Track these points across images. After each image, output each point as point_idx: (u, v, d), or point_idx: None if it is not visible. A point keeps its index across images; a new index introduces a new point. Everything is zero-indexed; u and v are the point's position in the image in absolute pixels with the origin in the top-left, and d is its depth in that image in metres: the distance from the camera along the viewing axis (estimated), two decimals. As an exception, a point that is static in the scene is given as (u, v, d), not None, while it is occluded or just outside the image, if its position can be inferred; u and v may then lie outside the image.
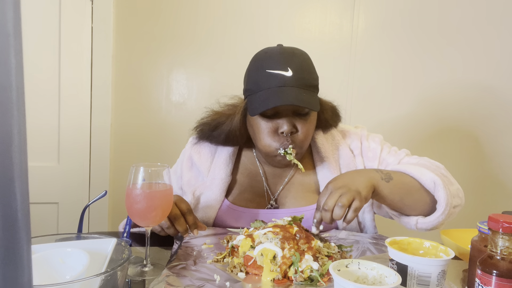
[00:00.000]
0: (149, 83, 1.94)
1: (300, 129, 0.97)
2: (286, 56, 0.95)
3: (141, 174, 0.79)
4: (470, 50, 2.04)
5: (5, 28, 0.25)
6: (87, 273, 0.63)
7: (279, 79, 0.92)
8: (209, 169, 1.10)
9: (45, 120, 1.76)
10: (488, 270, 0.59)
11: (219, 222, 1.07)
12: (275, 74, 0.93)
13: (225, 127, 1.05)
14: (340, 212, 0.80)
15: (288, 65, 0.93)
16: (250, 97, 0.98)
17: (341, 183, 0.87)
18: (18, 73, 0.26)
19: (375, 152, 1.10)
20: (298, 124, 0.96)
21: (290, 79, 0.92)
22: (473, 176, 2.10)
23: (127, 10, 1.89)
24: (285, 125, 0.94)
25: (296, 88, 0.92)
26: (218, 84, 1.95)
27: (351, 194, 0.82)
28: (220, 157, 1.10)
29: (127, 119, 1.93)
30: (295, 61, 0.95)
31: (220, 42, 1.95)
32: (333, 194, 0.83)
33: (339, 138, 1.14)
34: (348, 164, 1.10)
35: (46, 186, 1.78)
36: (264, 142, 0.98)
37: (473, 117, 2.07)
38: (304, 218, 0.92)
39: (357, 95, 2.03)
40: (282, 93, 0.91)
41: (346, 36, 2.00)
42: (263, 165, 1.12)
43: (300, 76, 0.93)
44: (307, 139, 0.99)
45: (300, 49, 1.00)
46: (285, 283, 0.72)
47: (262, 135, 0.97)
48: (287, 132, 0.94)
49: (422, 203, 0.95)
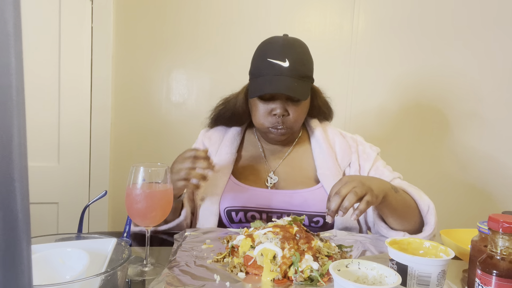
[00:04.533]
0: (149, 83, 1.94)
1: (291, 113, 1.10)
2: (286, 48, 1.08)
3: (141, 174, 0.79)
4: (470, 50, 2.03)
5: (5, 28, 0.25)
6: (87, 273, 0.63)
7: (276, 68, 1.06)
8: (217, 150, 1.21)
9: (45, 120, 1.76)
10: (488, 270, 0.59)
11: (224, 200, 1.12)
12: (273, 63, 1.06)
13: (231, 104, 1.20)
14: (351, 200, 0.85)
15: (286, 56, 1.06)
16: (252, 81, 1.13)
17: (356, 178, 0.92)
18: (18, 73, 0.26)
19: (370, 156, 1.19)
20: (289, 109, 1.09)
21: (286, 69, 1.06)
22: (473, 176, 2.10)
23: (127, 10, 1.89)
24: (278, 109, 1.08)
25: (290, 78, 1.05)
26: (218, 84, 1.95)
27: (365, 188, 0.88)
28: (227, 138, 1.22)
29: (127, 119, 1.93)
30: (293, 52, 1.08)
31: (220, 42, 1.95)
32: (347, 185, 0.88)
33: (335, 132, 1.25)
34: (343, 150, 1.19)
35: (46, 186, 1.78)
36: (259, 121, 1.12)
37: (477, 118, 2.07)
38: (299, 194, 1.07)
39: (357, 95, 2.03)
40: (277, 81, 1.05)
41: (346, 36, 2.00)
42: (262, 144, 1.23)
43: (295, 67, 1.06)
44: (296, 122, 1.12)
45: (301, 41, 1.13)
46: (285, 283, 0.72)
47: (258, 115, 1.11)
48: (279, 114, 1.08)
49: (412, 221, 1.04)
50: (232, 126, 1.24)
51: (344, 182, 0.90)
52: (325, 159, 1.17)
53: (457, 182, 2.09)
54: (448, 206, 2.08)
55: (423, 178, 2.05)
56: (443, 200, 2.07)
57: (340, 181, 0.92)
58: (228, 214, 1.11)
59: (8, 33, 0.25)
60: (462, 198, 2.10)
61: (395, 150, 2.05)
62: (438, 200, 2.04)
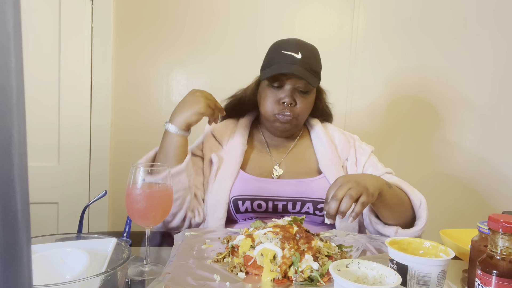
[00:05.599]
0: (149, 83, 1.94)
1: (298, 103, 1.13)
2: (300, 44, 1.14)
3: (141, 174, 0.79)
4: (470, 50, 2.03)
5: (5, 28, 0.25)
6: (87, 273, 0.63)
7: (290, 58, 1.10)
8: (228, 139, 1.24)
9: (45, 120, 1.76)
10: (488, 270, 0.59)
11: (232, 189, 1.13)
12: (287, 54, 1.10)
13: (240, 94, 1.26)
14: (347, 204, 0.87)
15: (299, 50, 1.11)
16: (264, 70, 1.15)
17: (351, 178, 0.93)
18: (18, 73, 0.26)
19: (365, 151, 1.25)
20: (297, 99, 1.13)
21: (299, 60, 1.09)
22: (473, 176, 2.10)
23: (127, 10, 1.89)
24: (287, 97, 1.11)
25: (302, 68, 1.09)
26: (218, 84, 1.95)
27: (360, 189, 0.89)
28: (239, 129, 1.25)
29: (127, 119, 1.93)
30: (306, 49, 1.13)
31: (220, 42, 1.94)
32: (342, 187, 0.89)
33: (335, 129, 1.30)
34: (343, 144, 1.24)
35: (46, 186, 1.78)
36: (267, 108, 1.15)
37: (477, 118, 2.07)
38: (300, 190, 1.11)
39: (357, 95, 2.03)
40: (290, 67, 1.08)
41: (346, 36, 2.00)
42: (267, 139, 1.26)
43: (308, 60, 1.11)
44: (303, 113, 1.16)
45: (312, 44, 1.18)
46: (285, 283, 0.72)
47: (267, 102, 1.15)
48: (287, 102, 1.11)
49: (405, 216, 1.07)
50: (240, 118, 1.28)
51: (339, 184, 0.91)
52: (326, 152, 1.21)
53: (458, 182, 2.09)
54: (448, 206, 2.08)
55: (422, 177, 2.05)
56: (443, 200, 2.07)
57: (335, 183, 0.93)
58: (234, 203, 1.12)
59: (8, 33, 0.25)
60: (462, 198, 2.10)
61: (394, 149, 2.05)
62: (438, 200, 2.05)
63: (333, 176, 1.14)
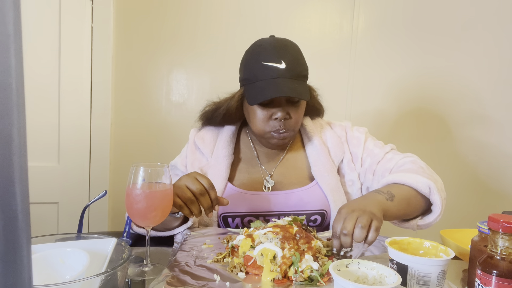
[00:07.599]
0: (149, 83, 1.94)
1: (292, 116, 1.07)
2: (279, 49, 1.05)
3: (141, 174, 0.79)
4: (470, 50, 2.03)
5: (5, 28, 0.25)
6: (87, 273, 0.63)
7: (273, 71, 1.02)
8: (212, 151, 1.17)
9: (45, 120, 1.76)
10: (488, 270, 0.59)
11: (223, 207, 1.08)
12: (270, 66, 1.03)
13: (222, 110, 1.15)
14: (362, 234, 0.78)
15: (281, 58, 1.03)
16: (248, 86, 1.07)
17: (354, 207, 0.85)
18: (18, 73, 0.26)
19: (359, 140, 1.18)
20: (290, 111, 1.07)
21: (283, 71, 1.02)
22: (473, 176, 2.10)
23: (127, 10, 1.89)
24: (280, 112, 1.05)
25: (289, 79, 1.02)
26: (218, 84, 1.95)
27: (368, 216, 0.81)
28: (222, 139, 1.18)
29: (127, 119, 1.93)
30: (287, 53, 1.05)
31: (220, 42, 1.94)
32: (349, 218, 0.81)
33: (326, 126, 1.24)
34: (335, 145, 1.17)
35: (46, 186, 1.78)
36: (259, 127, 1.08)
37: (475, 118, 2.07)
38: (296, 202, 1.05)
39: (357, 95, 2.03)
40: (277, 84, 1.01)
41: (346, 36, 2.00)
42: (257, 148, 1.20)
43: (292, 67, 1.03)
44: (298, 123, 1.10)
45: (290, 41, 1.10)
46: (285, 283, 0.72)
47: (257, 121, 1.08)
48: (280, 118, 1.05)
49: (419, 207, 1.01)
50: (225, 125, 1.20)
51: (344, 216, 0.82)
52: (319, 156, 1.15)
53: (458, 182, 2.09)
54: (448, 206, 2.07)
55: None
56: (443, 200, 2.07)
57: (340, 216, 0.84)
58: (224, 220, 1.10)
59: (8, 33, 0.25)
60: (462, 198, 2.09)
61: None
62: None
63: (325, 183, 1.11)
